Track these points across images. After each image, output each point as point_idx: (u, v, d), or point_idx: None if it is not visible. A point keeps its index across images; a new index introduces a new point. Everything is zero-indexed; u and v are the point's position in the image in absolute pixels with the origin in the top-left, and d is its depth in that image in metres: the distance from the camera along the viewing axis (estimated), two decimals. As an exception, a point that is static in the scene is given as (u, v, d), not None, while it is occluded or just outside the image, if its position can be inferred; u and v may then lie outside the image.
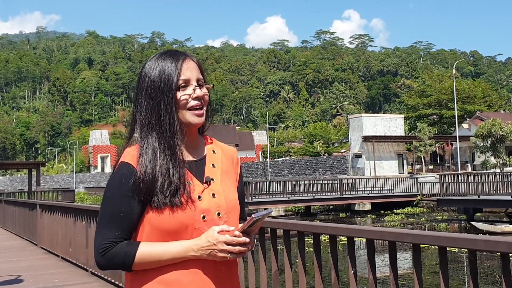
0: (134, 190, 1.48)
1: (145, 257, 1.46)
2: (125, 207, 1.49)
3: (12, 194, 36.10)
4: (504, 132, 41.31)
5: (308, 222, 3.12)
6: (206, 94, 1.59)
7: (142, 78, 1.58)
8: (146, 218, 1.51)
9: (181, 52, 1.62)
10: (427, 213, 29.48)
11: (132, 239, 1.52)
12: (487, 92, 72.32)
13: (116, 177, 1.52)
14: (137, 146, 1.56)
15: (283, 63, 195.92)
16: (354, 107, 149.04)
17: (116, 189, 1.51)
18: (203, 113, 1.57)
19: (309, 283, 3.11)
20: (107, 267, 1.50)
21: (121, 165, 1.53)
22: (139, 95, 1.57)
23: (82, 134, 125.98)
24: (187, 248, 1.46)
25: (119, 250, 1.47)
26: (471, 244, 2.04)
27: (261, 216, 1.46)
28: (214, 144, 1.68)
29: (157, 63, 1.57)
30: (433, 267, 13.11)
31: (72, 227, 8.07)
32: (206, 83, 1.62)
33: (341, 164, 51.91)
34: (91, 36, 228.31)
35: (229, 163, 1.67)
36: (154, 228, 1.49)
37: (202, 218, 1.50)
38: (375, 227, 2.75)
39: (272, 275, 3.27)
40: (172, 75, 1.53)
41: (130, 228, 1.50)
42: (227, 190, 1.59)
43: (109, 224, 1.49)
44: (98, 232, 1.51)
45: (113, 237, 1.48)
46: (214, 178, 1.58)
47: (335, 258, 2.83)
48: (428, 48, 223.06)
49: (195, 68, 1.59)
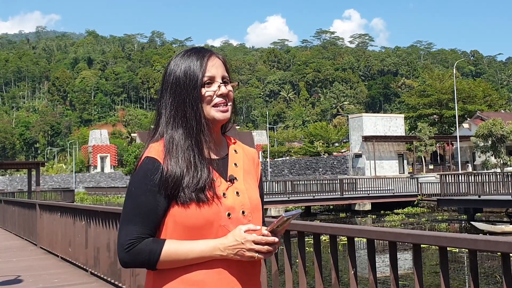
0: (160, 185, 1.46)
1: (171, 255, 1.43)
2: (151, 202, 1.46)
3: (11, 194, 36.11)
4: (504, 132, 41.32)
5: (308, 222, 3.11)
6: (231, 91, 1.60)
7: (167, 75, 1.58)
8: (170, 214, 1.48)
9: (207, 49, 1.62)
10: (427, 213, 29.47)
11: (156, 236, 1.50)
12: (488, 92, 72.33)
13: (140, 171, 1.50)
14: (162, 141, 1.55)
15: (283, 63, 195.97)
16: (354, 107, 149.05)
17: (141, 184, 1.48)
18: (228, 109, 1.58)
19: (309, 283, 3.10)
20: (131, 264, 1.46)
21: (146, 160, 1.51)
22: (164, 92, 1.57)
23: (81, 134, 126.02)
24: (214, 248, 1.44)
25: (145, 247, 1.44)
26: (471, 244, 2.03)
27: (291, 216, 1.43)
28: (237, 144, 1.69)
29: (183, 60, 1.57)
30: (434, 267, 13.10)
31: (72, 227, 8.06)
32: (231, 81, 1.63)
33: (341, 164, 51.92)
34: (91, 35, 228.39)
35: (250, 164, 1.67)
36: (178, 224, 1.47)
37: (228, 216, 1.49)
38: (375, 227, 2.74)
39: (272, 275, 3.26)
40: (198, 72, 1.54)
41: (155, 224, 1.48)
42: (250, 190, 1.58)
43: (134, 219, 1.46)
44: (122, 228, 1.47)
45: (139, 233, 1.45)
46: (237, 177, 1.58)
47: (335, 258, 2.83)
48: (429, 48, 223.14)
49: (221, 65, 1.60)
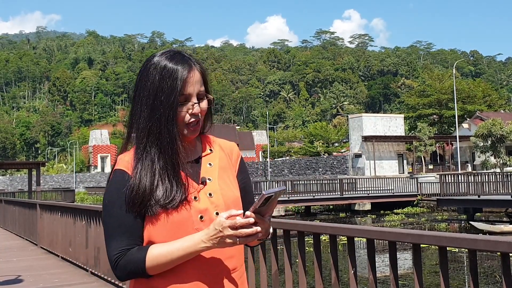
0: (131, 197, 1.47)
1: (156, 258, 1.43)
2: (127, 214, 1.47)
3: (12, 194, 36.08)
4: (504, 132, 41.31)
5: (308, 222, 3.11)
6: (203, 110, 1.55)
7: (143, 82, 1.53)
8: (145, 228, 1.49)
9: (186, 58, 1.55)
10: (427, 213, 29.47)
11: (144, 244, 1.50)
12: (487, 92, 72.31)
13: (112, 185, 1.51)
14: (131, 151, 1.54)
15: (283, 63, 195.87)
16: (354, 107, 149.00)
17: (114, 198, 1.49)
18: (198, 128, 1.55)
19: (309, 283, 3.11)
20: (125, 277, 1.47)
21: (116, 173, 1.52)
22: (139, 99, 1.53)
23: (82, 134, 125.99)
24: (197, 241, 1.42)
25: (131, 257, 1.44)
26: (471, 244, 2.04)
27: (274, 193, 1.37)
28: (212, 143, 1.67)
29: (160, 70, 1.51)
30: (433, 267, 13.11)
31: (72, 227, 8.07)
32: (208, 91, 1.58)
33: (341, 164, 51.91)
34: (91, 36, 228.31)
35: (227, 159, 1.65)
36: (152, 235, 1.48)
37: (200, 219, 1.49)
38: (375, 227, 2.74)
39: (272, 275, 3.27)
40: (175, 90, 1.48)
41: (139, 233, 1.48)
42: (225, 188, 1.57)
43: (115, 234, 1.47)
44: (107, 245, 1.48)
45: (123, 246, 1.45)
46: (211, 177, 1.57)
47: (335, 258, 2.83)
48: (428, 48, 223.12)
49: (198, 80, 1.54)
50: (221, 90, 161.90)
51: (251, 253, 3.44)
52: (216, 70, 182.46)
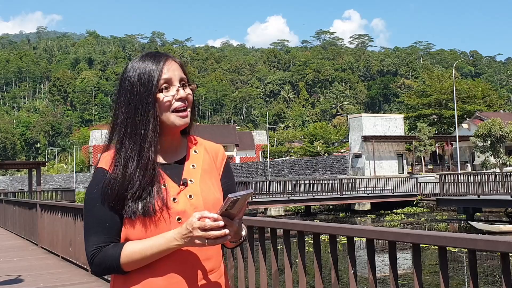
0: (108, 194, 1.49)
1: (130, 255, 1.45)
2: (105, 211, 1.49)
3: (12, 194, 36.08)
4: (503, 132, 41.31)
5: (308, 222, 3.12)
6: (190, 94, 1.56)
7: (122, 81, 1.56)
8: (123, 227, 1.51)
9: (163, 53, 1.58)
10: (427, 213, 29.47)
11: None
12: (487, 92, 72.30)
13: (92, 182, 1.54)
14: (112, 150, 1.56)
15: (283, 63, 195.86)
16: (354, 107, 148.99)
17: (93, 195, 1.51)
18: (187, 114, 1.54)
19: (309, 283, 3.11)
20: (101, 272, 1.51)
21: (96, 171, 1.55)
22: (118, 99, 1.55)
23: (82, 134, 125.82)
24: (170, 239, 1.43)
25: (106, 254, 1.47)
26: (471, 244, 2.04)
27: (240, 196, 1.38)
28: (198, 144, 1.66)
29: (138, 65, 1.54)
30: (433, 267, 13.11)
31: (73, 227, 8.07)
32: (190, 83, 1.58)
33: (341, 164, 51.90)
34: (92, 36, 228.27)
35: (211, 161, 1.64)
36: (128, 234, 1.50)
37: (177, 220, 1.49)
38: (375, 227, 2.75)
39: (272, 275, 3.27)
40: (153, 76, 1.50)
41: (116, 231, 1.50)
42: (206, 190, 1.56)
43: (92, 230, 1.50)
44: (85, 241, 1.51)
45: (99, 242, 1.48)
46: (193, 179, 1.56)
47: (335, 258, 2.83)
48: (428, 48, 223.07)
49: (177, 68, 1.55)
50: (221, 90, 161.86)
51: (251, 254, 3.45)
52: (216, 70, 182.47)
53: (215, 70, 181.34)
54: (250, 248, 3.38)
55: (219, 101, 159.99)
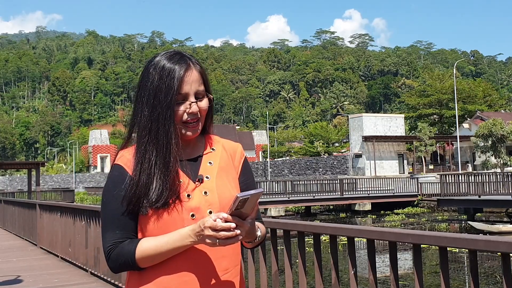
0: (126, 193, 1.50)
1: (145, 251, 1.46)
2: (123, 208, 1.51)
3: (11, 194, 36.10)
4: (504, 132, 41.33)
5: (308, 222, 3.11)
6: (203, 109, 1.56)
7: (144, 82, 1.56)
8: (138, 225, 1.54)
9: (185, 58, 1.57)
10: (427, 213, 29.46)
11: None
12: (488, 92, 72.33)
13: (109, 180, 1.56)
14: (132, 149, 1.57)
15: (283, 63, 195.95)
16: (354, 107, 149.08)
17: (110, 192, 1.53)
18: (197, 127, 1.56)
19: (309, 283, 3.10)
20: (117, 269, 1.51)
21: (114, 168, 1.57)
22: (141, 99, 1.56)
23: (81, 134, 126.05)
24: (185, 235, 1.44)
25: (122, 250, 1.48)
26: (471, 244, 2.03)
27: (249, 195, 1.37)
28: (216, 142, 1.68)
29: (159, 71, 1.54)
30: (434, 267, 13.11)
31: (72, 227, 8.06)
32: (208, 90, 1.60)
33: (341, 164, 51.92)
34: (91, 35, 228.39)
35: (229, 159, 1.65)
36: (142, 231, 1.52)
37: (191, 217, 1.50)
38: (375, 227, 2.74)
39: (272, 275, 3.26)
40: (172, 89, 1.51)
41: (132, 228, 1.52)
42: (222, 187, 1.57)
43: (110, 226, 1.52)
44: (102, 237, 1.53)
45: (116, 238, 1.50)
46: (209, 175, 1.58)
47: (335, 258, 2.82)
48: (429, 48, 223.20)
49: (196, 80, 1.56)
50: (221, 90, 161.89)
51: (251, 254, 3.44)
52: (216, 70, 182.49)
53: (215, 70, 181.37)
54: (250, 249, 3.37)
55: (219, 101, 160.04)
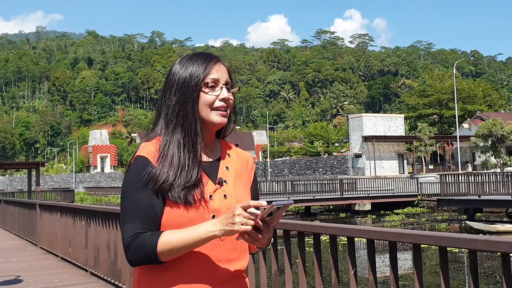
0: (150, 184, 1.50)
1: (167, 243, 1.44)
2: (144, 199, 1.49)
3: (11, 194, 36.11)
4: (504, 132, 41.34)
5: (308, 222, 3.11)
6: (231, 99, 1.61)
7: (171, 75, 1.61)
8: (164, 212, 1.52)
9: (214, 55, 1.66)
10: (427, 213, 29.46)
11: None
12: (488, 92, 72.36)
13: (132, 171, 1.54)
14: (156, 141, 1.58)
15: (283, 63, 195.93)
16: (354, 107, 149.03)
17: (133, 183, 1.52)
18: (227, 114, 1.60)
19: (309, 283, 3.10)
20: (136, 261, 1.48)
21: (137, 159, 1.55)
22: (167, 91, 1.60)
23: (81, 134, 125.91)
24: (209, 225, 1.43)
25: (142, 242, 1.45)
26: (471, 244, 2.03)
27: (282, 205, 1.37)
28: (231, 149, 1.71)
29: (189, 62, 1.61)
30: (434, 267, 13.10)
31: (72, 227, 8.06)
32: (233, 88, 1.65)
33: (341, 164, 51.92)
34: (91, 35, 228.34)
35: (243, 167, 1.69)
36: (164, 225, 1.50)
37: (212, 218, 1.51)
38: (375, 227, 2.74)
39: (272, 275, 3.26)
40: (201, 74, 1.57)
41: (153, 220, 1.49)
42: (239, 193, 1.60)
43: (130, 218, 1.49)
44: (122, 229, 1.51)
45: (136, 230, 1.47)
46: (227, 180, 1.60)
47: (335, 258, 2.83)
48: (429, 48, 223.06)
49: (225, 71, 1.63)
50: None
51: (251, 254, 3.43)
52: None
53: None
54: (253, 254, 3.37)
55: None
